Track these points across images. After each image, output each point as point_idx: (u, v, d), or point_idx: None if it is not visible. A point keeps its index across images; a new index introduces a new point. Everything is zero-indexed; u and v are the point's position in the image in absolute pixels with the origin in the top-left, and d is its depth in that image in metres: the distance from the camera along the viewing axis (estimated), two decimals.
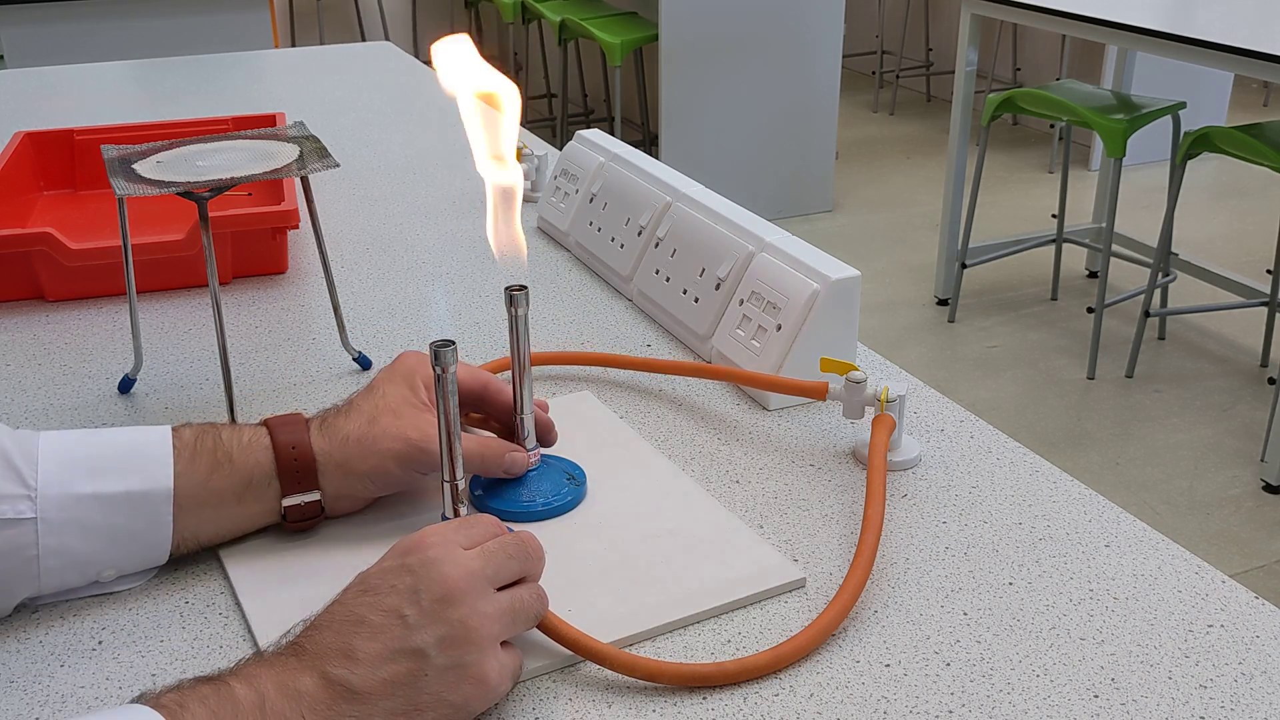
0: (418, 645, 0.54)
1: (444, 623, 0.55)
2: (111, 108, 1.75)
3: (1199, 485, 2.59)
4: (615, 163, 1.13)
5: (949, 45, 5.49)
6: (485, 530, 0.61)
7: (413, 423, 0.70)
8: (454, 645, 0.55)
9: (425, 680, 0.54)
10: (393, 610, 0.55)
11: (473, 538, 0.60)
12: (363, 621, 0.55)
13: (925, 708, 0.58)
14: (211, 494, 0.67)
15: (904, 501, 0.76)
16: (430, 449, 0.69)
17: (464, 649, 0.55)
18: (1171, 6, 3.07)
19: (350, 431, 0.70)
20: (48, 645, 0.64)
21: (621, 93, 4.24)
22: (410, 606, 0.55)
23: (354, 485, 0.70)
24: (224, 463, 0.68)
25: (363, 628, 0.55)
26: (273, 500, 0.69)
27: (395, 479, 0.70)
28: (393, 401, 0.71)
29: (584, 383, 0.92)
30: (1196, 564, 0.69)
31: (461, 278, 1.12)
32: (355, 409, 0.71)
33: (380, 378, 0.73)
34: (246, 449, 0.68)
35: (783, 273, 0.87)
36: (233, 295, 1.08)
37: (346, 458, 0.69)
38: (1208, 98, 4.57)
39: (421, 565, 0.57)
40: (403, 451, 0.69)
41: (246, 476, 0.68)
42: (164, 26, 2.88)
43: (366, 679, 0.53)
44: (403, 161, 1.47)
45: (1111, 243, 3.11)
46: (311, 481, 0.69)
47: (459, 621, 0.55)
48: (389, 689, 0.54)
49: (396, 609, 0.55)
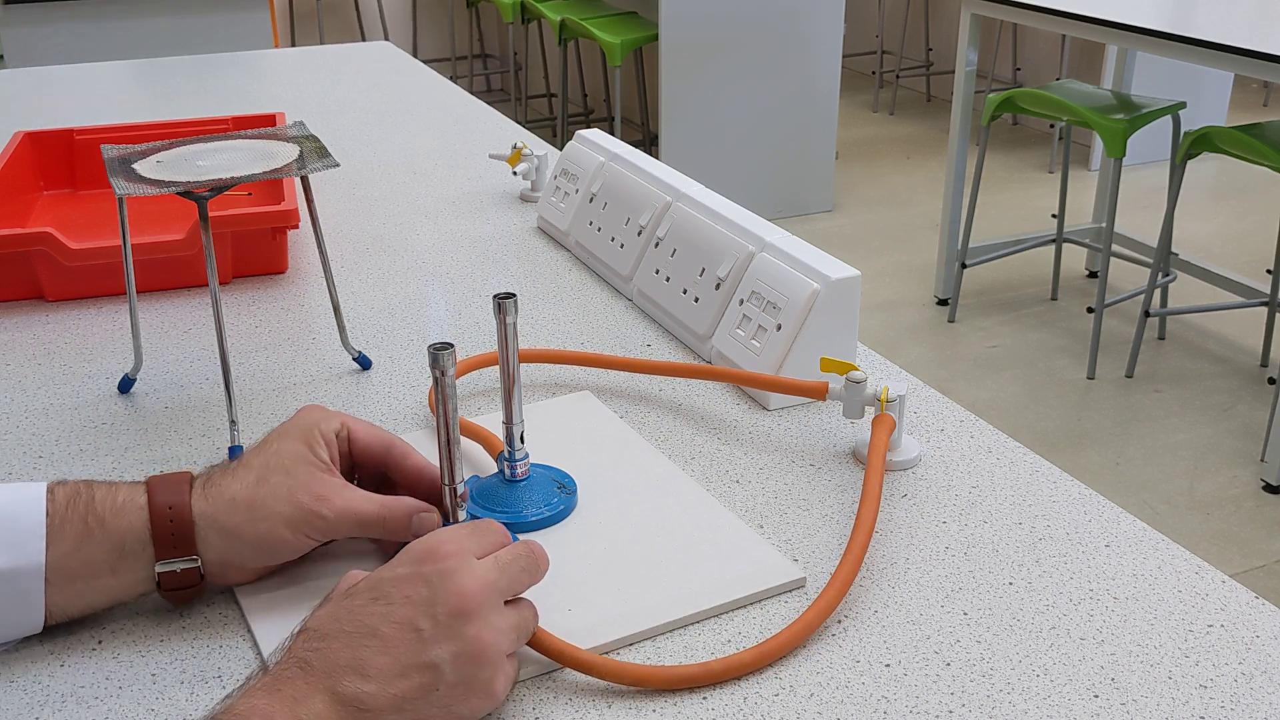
0: (432, 660, 0.53)
1: (459, 638, 0.54)
2: (111, 108, 1.75)
3: (1199, 485, 2.59)
4: (615, 162, 1.13)
5: (949, 45, 5.49)
6: (496, 537, 0.60)
7: (305, 483, 0.64)
8: (468, 661, 0.54)
9: (436, 695, 0.53)
10: (406, 622, 0.53)
11: (485, 545, 0.58)
12: (375, 633, 0.53)
13: (925, 708, 0.58)
14: (83, 565, 0.62)
15: (904, 501, 0.76)
16: (324, 514, 0.64)
17: (478, 665, 0.54)
18: (1171, 6, 3.07)
19: (236, 493, 0.63)
20: (48, 645, 0.64)
21: (621, 93, 4.24)
22: (425, 619, 0.53)
23: (241, 552, 0.64)
24: (95, 528, 0.62)
25: (374, 640, 0.53)
26: (148, 567, 0.63)
27: (288, 546, 0.64)
28: (286, 459, 0.65)
29: (584, 383, 0.92)
30: (1196, 564, 0.69)
31: (461, 278, 1.12)
32: (244, 466, 0.65)
33: (274, 432, 0.67)
34: (120, 511, 0.62)
35: (783, 273, 0.87)
36: (233, 295, 1.08)
37: (233, 523, 0.63)
38: (1208, 98, 4.57)
39: (439, 576, 0.55)
40: (293, 516, 0.63)
41: (119, 542, 0.62)
42: (164, 26, 2.88)
43: (378, 695, 0.52)
44: (403, 161, 1.47)
45: (1111, 243, 3.11)
46: (189, 547, 0.63)
47: (474, 637, 0.54)
48: (399, 704, 0.52)
49: (411, 621, 0.53)
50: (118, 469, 0.80)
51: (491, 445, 0.78)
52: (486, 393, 0.90)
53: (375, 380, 0.92)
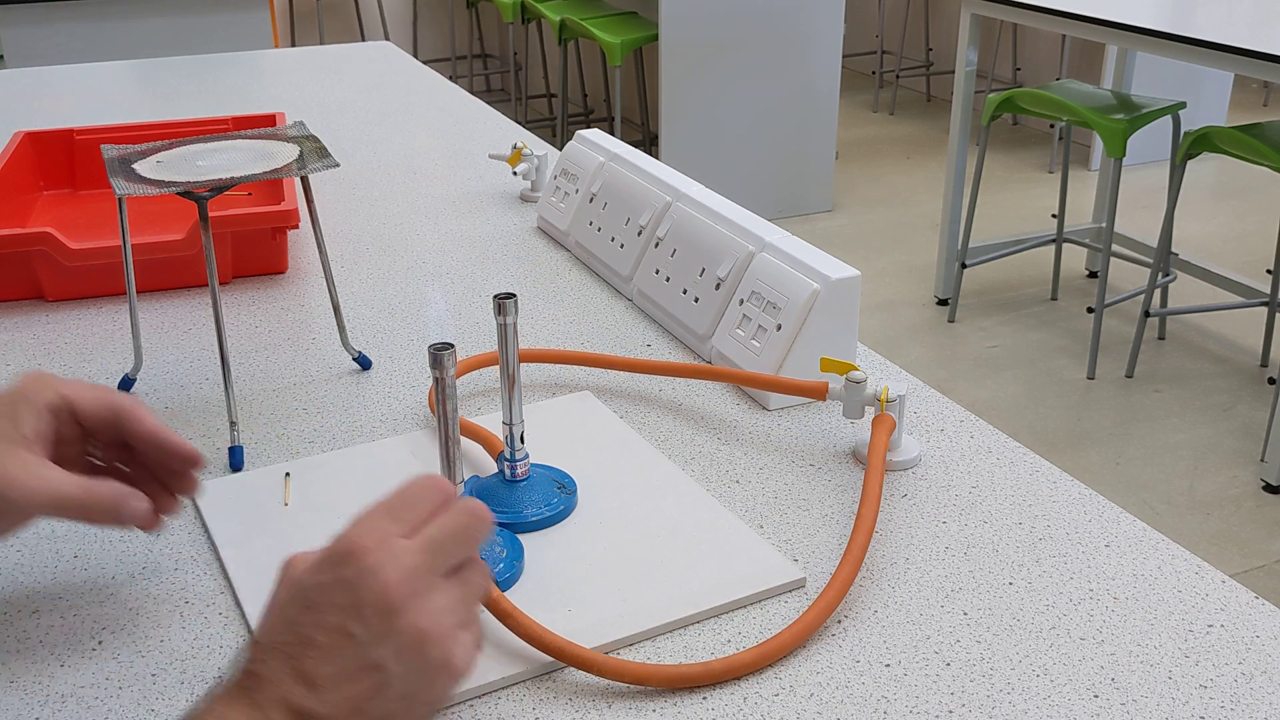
0: (374, 660, 0.51)
1: (396, 633, 0.51)
2: (111, 108, 1.75)
3: (1199, 485, 2.59)
4: (615, 162, 1.13)
5: (949, 45, 5.49)
6: (425, 506, 0.55)
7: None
8: (413, 651, 0.51)
9: (391, 690, 0.51)
10: (338, 629, 0.51)
11: (413, 520, 0.54)
12: (311, 643, 0.51)
13: (925, 708, 0.58)
14: None
15: (904, 501, 0.76)
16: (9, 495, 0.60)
17: (424, 652, 0.52)
18: (1171, 6, 3.07)
19: None
20: (48, 645, 0.64)
21: (621, 93, 4.24)
22: (355, 624, 0.51)
23: None
24: None
25: (313, 649, 0.51)
26: None
27: None
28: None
29: (584, 383, 0.92)
30: (1196, 564, 0.69)
31: (461, 278, 1.12)
32: None
33: None
34: None
35: (783, 273, 0.87)
36: (233, 295, 1.08)
37: None
38: (1208, 98, 4.57)
39: (358, 576, 0.51)
40: None
41: None
42: (164, 26, 2.88)
43: (330, 703, 0.50)
44: (403, 161, 1.47)
45: (1111, 243, 3.11)
46: None
47: (411, 628, 0.51)
48: (355, 706, 0.50)
49: (342, 627, 0.51)
50: None
51: (491, 445, 0.78)
52: (486, 393, 0.90)
53: (375, 380, 0.92)
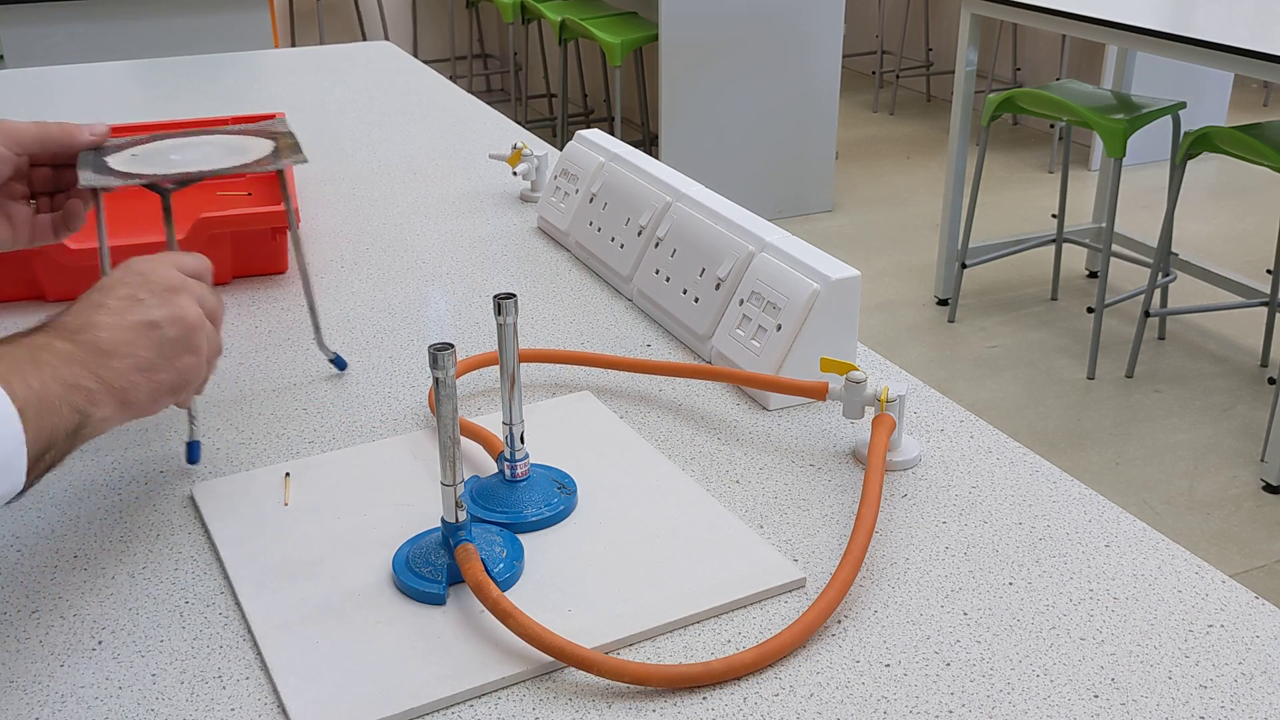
0: (153, 318, 0.66)
1: (173, 305, 0.67)
2: (111, 108, 1.75)
3: (1199, 485, 2.59)
4: (615, 163, 1.13)
5: (949, 45, 5.49)
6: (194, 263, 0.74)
7: None
8: (179, 324, 0.67)
9: (162, 346, 0.66)
10: (128, 296, 0.67)
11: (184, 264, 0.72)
12: (102, 305, 0.66)
13: (925, 708, 0.58)
14: None
15: (904, 501, 0.76)
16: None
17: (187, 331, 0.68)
18: (1171, 6, 3.07)
19: None
20: (48, 645, 0.64)
21: (621, 93, 4.24)
22: (143, 292, 0.67)
23: None
24: None
25: (103, 310, 0.65)
26: None
27: None
28: None
29: (584, 383, 0.92)
30: (1196, 564, 0.69)
31: (461, 278, 1.12)
32: None
33: None
34: None
35: (783, 273, 0.87)
36: (233, 295, 1.08)
37: None
38: (1208, 98, 4.57)
39: (149, 265, 0.69)
40: None
41: None
42: (164, 26, 2.88)
43: (111, 338, 0.64)
44: (403, 161, 1.47)
45: (1111, 243, 3.11)
46: None
47: (185, 306, 0.68)
48: (132, 348, 0.64)
49: (132, 295, 0.67)
50: (118, 468, 0.80)
51: (491, 445, 0.78)
52: (486, 393, 0.90)
53: (375, 380, 0.92)
